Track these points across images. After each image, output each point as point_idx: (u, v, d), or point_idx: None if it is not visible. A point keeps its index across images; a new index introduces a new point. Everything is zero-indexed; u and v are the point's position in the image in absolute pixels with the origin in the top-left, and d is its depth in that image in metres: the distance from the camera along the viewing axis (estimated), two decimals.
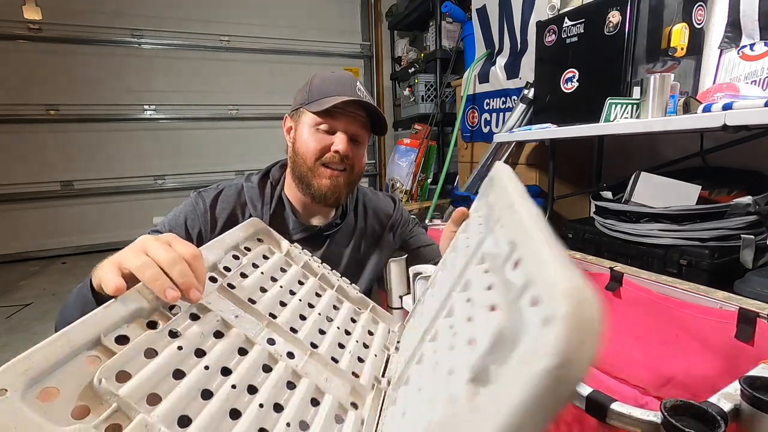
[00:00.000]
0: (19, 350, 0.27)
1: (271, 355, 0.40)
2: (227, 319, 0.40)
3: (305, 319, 0.48)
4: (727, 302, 0.73)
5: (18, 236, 2.87)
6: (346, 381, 0.44)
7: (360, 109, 0.76)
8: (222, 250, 0.47)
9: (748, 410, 0.41)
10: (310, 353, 0.44)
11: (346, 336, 0.51)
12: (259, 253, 0.52)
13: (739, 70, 1.25)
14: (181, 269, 0.37)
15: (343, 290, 0.59)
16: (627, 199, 1.24)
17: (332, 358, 0.45)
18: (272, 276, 0.51)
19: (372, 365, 0.48)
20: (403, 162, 2.90)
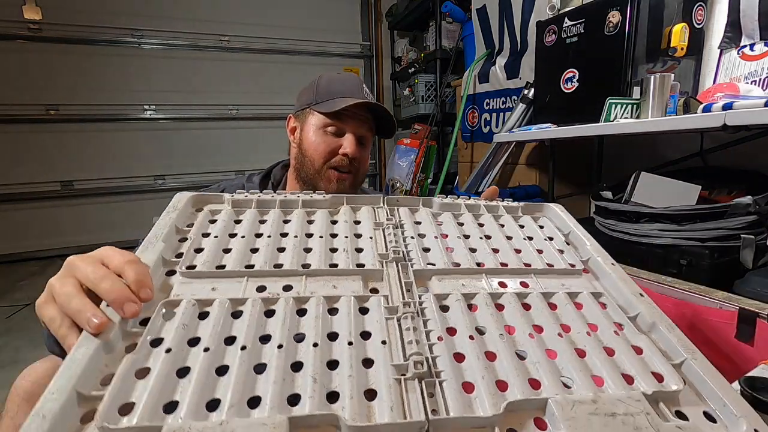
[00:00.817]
0: (19, 350, 0.26)
1: (268, 300, 0.37)
2: (203, 297, 0.37)
3: (284, 251, 0.44)
4: (727, 302, 0.73)
5: (18, 236, 2.87)
6: (354, 276, 0.42)
7: (367, 112, 0.76)
8: (162, 242, 0.41)
9: None
10: (306, 275, 0.41)
11: (332, 239, 0.47)
12: (204, 221, 0.47)
13: (739, 70, 1.25)
14: (109, 284, 0.33)
15: (309, 202, 0.53)
16: (627, 199, 1.24)
17: (330, 266, 0.42)
18: (229, 233, 0.46)
19: (372, 249, 0.46)
20: (403, 162, 2.90)
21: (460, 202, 0.57)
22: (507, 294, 0.41)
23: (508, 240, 0.50)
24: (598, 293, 0.43)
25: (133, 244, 0.69)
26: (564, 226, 0.55)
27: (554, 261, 0.47)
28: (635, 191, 1.22)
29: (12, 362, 1.52)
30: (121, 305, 0.33)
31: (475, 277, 0.43)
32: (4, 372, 1.46)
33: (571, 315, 0.39)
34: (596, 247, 0.50)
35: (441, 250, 0.46)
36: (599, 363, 0.34)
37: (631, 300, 0.42)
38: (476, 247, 0.48)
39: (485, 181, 2.08)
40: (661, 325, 0.39)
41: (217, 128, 3.31)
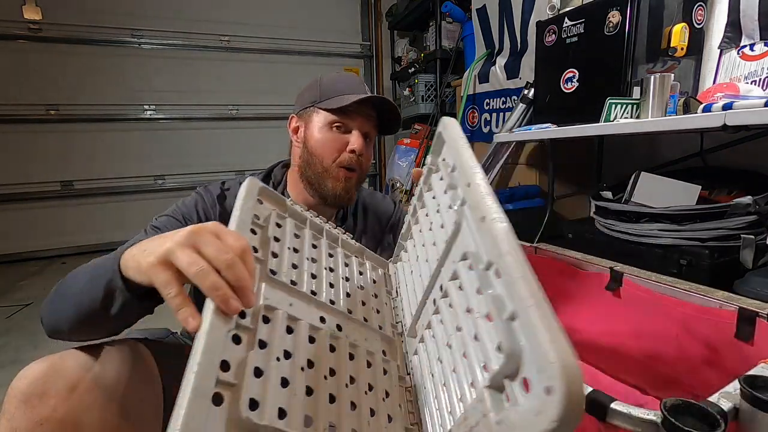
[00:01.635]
0: (19, 350, 0.26)
1: (332, 335, 0.42)
2: (290, 312, 0.41)
3: (333, 287, 0.50)
4: (727, 302, 0.73)
5: (18, 236, 2.86)
6: (378, 336, 0.50)
7: (371, 109, 0.77)
8: (247, 230, 0.44)
9: (748, 410, 0.41)
10: (350, 320, 0.48)
11: (361, 291, 0.55)
12: (272, 222, 0.50)
13: (739, 70, 1.25)
14: (237, 272, 0.34)
15: (345, 244, 0.59)
16: (627, 199, 1.24)
17: (364, 318, 0.50)
18: (294, 247, 0.50)
19: (386, 315, 0.54)
20: (403, 162, 2.90)
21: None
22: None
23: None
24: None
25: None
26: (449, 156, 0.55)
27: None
28: (635, 191, 1.23)
29: (12, 362, 1.52)
30: (245, 295, 0.34)
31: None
32: (4, 372, 1.46)
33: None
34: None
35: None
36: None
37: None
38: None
39: None
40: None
41: (217, 128, 3.31)
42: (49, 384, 0.49)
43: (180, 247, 0.35)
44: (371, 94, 0.73)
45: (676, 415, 0.38)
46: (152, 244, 0.39)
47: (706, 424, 0.38)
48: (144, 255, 0.38)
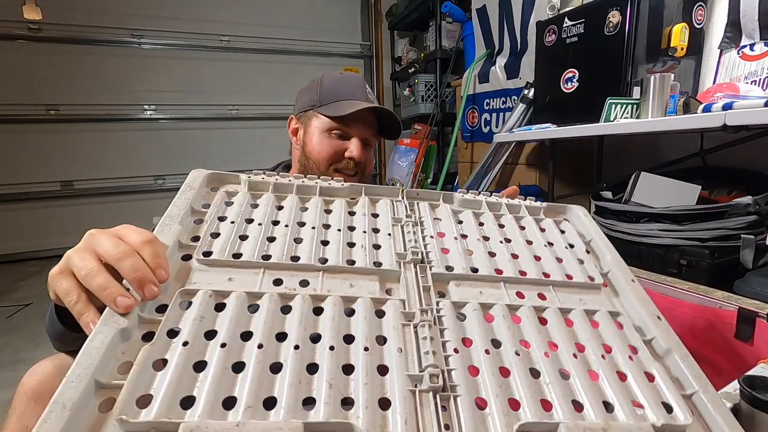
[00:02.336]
0: (19, 350, 0.26)
1: (285, 295, 0.37)
2: (220, 288, 0.36)
3: (301, 242, 0.43)
4: (726, 302, 0.73)
5: (18, 236, 2.87)
6: (371, 275, 0.41)
7: (372, 114, 0.76)
8: (178, 224, 0.41)
9: (747, 410, 0.41)
10: (324, 271, 0.40)
11: (350, 232, 0.46)
12: (220, 202, 0.45)
13: (739, 70, 1.25)
14: (132, 263, 0.32)
15: (327, 190, 0.52)
16: (627, 199, 1.24)
17: (347, 262, 0.42)
18: (246, 218, 0.44)
19: (390, 246, 0.45)
20: (403, 162, 2.90)
21: (481, 199, 0.55)
22: (524, 307, 0.40)
23: (528, 245, 0.49)
24: (615, 312, 0.42)
25: None
26: (586, 232, 0.53)
27: (574, 272, 0.46)
28: (635, 191, 1.22)
29: (12, 362, 1.52)
30: (143, 286, 0.32)
31: (493, 285, 0.43)
32: (4, 372, 1.46)
33: (587, 334, 0.39)
34: (617, 260, 0.49)
35: (460, 252, 0.45)
36: (611, 388, 0.35)
37: (647, 323, 0.41)
38: (496, 252, 0.47)
39: (485, 181, 2.08)
40: (676, 353, 0.38)
41: (217, 128, 3.31)
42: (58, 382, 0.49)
43: (76, 252, 0.34)
44: (370, 104, 0.72)
45: None
46: (61, 263, 0.37)
47: None
48: (58, 285, 0.36)
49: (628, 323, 0.41)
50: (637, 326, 0.41)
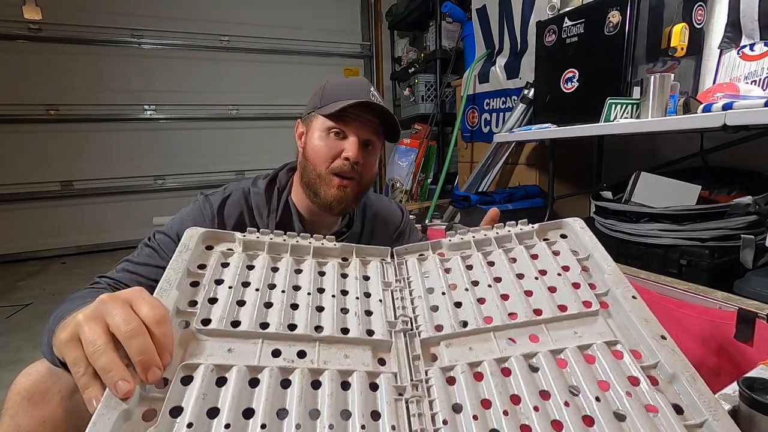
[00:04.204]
0: (19, 350, 0.26)
1: (284, 369, 0.37)
2: (221, 362, 0.37)
3: (297, 308, 0.44)
4: (726, 302, 0.73)
5: (18, 236, 2.87)
6: (364, 345, 0.42)
7: (373, 115, 0.74)
8: (176, 289, 0.41)
9: (747, 412, 0.41)
10: (320, 341, 0.41)
11: (343, 297, 0.48)
12: (216, 264, 0.46)
13: (739, 70, 1.25)
14: (139, 345, 0.33)
15: (320, 250, 0.53)
16: (627, 199, 1.24)
17: (341, 330, 0.43)
18: (243, 281, 0.45)
19: (381, 313, 0.46)
20: (403, 162, 2.90)
21: (469, 239, 0.55)
22: (513, 357, 0.40)
23: (519, 280, 0.48)
24: (613, 341, 0.40)
25: (133, 244, 0.69)
26: (582, 248, 0.51)
27: (568, 301, 0.44)
28: (635, 191, 1.22)
29: (12, 362, 1.52)
30: (147, 370, 0.32)
31: (483, 337, 0.42)
32: (4, 372, 1.46)
33: (581, 374, 0.38)
34: (616, 275, 0.46)
35: (449, 308, 0.46)
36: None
37: (650, 345, 0.39)
38: (485, 297, 0.47)
39: (485, 181, 2.08)
40: (683, 377, 0.36)
41: (217, 128, 3.31)
42: (52, 383, 0.49)
43: (87, 321, 0.34)
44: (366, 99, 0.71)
45: None
46: (70, 326, 0.37)
47: None
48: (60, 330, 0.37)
49: (627, 352, 0.39)
50: (639, 351, 0.39)
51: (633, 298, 0.43)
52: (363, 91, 0.73)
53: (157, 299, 0.37)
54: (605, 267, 0.47)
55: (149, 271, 0.66)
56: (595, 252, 0.49)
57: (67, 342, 0.34)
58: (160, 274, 0.66)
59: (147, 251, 0.68)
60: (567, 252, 0.51)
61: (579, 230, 0.53)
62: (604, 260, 0.48)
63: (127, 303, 0.35)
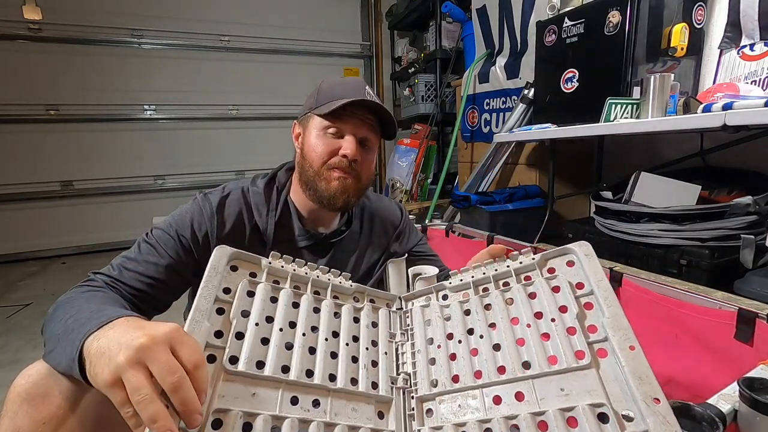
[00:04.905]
0: (18, 350, 0.26)
1: (302, 420, 0.41)
2: (248, 408, 0.39)
3: (314, 352, 0.48)
4: (726, 302, 0.73)
5: (18, 236, 2.87)
6: (368, 400, 0.47)
7: (369, 113, 0.74)
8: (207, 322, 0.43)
9: (747, 412, 0.41)
10: (332, 392, 0.45)
11: (354, 344, 0.52)
12: (243, 293, 0.48)
13: (739, 70, 1.25)
14: (183, 396, 0.35)
15: (338, 289, 0.57)
16: (627, 199, 1.24)
17: (351, 380, 0.47)
18: (267, 316, 0.48)
19: (385, 367, 0.51)
20: (403, 162, 2.90)
21: (469, 280, 0.56)
22: (495, 420, 0.41)
23: (513, 326, 0.49)
24: (598, 404, 0.38)
25: (132, 244, 0.69)
26: (586, 280, 0.49)
27: (559, 352, 0.43)
28: (635, 191, 1.23)
29: (12, 362, 1.52)
30: (190, 417, 0.35)
31: (471, 394, 0.45)
32: (4, 372, 1.46)
33: None
34: (615, 320, 0.43)
35: (444, 362, 0.50)
36: None
37: (641, 409, 0.36)
38: (477, 348, 0.49)
39: (485, 181, 2.08)
40: None
41: (217, 128, 3.31)
42: (52, 384, 0.49)
43: (130, 365, 0.35)
44: (361, 98, 0.71)
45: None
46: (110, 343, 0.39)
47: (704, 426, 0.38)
48: (99, 367, 0.38)
49: (612, 417, 0.37)
50: (626, 416, 0.37)
51: (630, 349, 0.40)
52: (358, 90, 0.73)
53: (195, 340, 0.39)
54: (605, 309, 0.44)
55: (148, 268, 0.66)
56: (598, 288, 0.46)
57: (111, 385, 0.36)
58: (159, 272, 0.67)
59: (145, 248, 0.68)
60: (567, 288, 0.48)
61: (583, 257, 0.50)
62: (605, 299, 0.45)
63: (168, 345, 0.37)
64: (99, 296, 0.58)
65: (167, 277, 0.67)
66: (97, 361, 0.39)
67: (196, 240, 0.71)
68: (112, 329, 0.41)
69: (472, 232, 1.39)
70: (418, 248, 0.96)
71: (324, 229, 0.82)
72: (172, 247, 0.69)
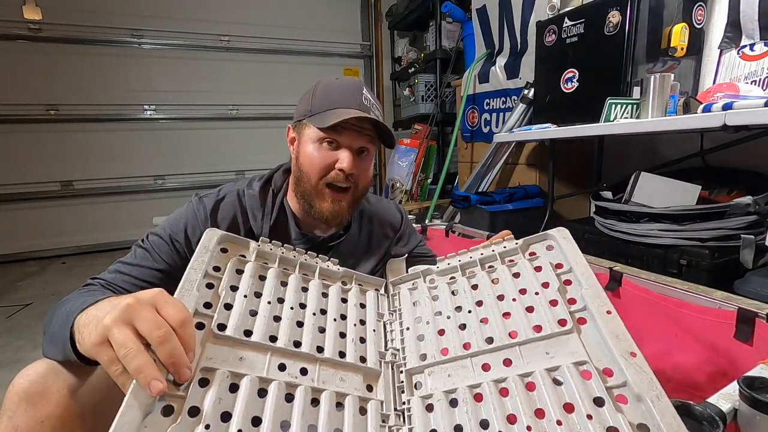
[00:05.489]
0: (18, 350, 0.26)
1: (289, 384, 0.41)
2: (235, 369, 0.40)
3: (302, 326, 0.48)
4: (726, 302, 0.73)
5: (18, 236, 2.87)
6: (357, 371, 0.47)
7: (366, 122, 0.72)
8: (194, 289, 0.45)
9: (747, 411, 0.41)
10: (320, 361, 0.46)
11: (342, 322, 0.52)
12: (232, 270, 0.50)
13: (739, 70, 1.25)
14: (169, 348, 0.35)
15: (326, 272, 0.58)
16: (627, 199, 1.24)
17: (339, 353, 0.47)
18: (255, 291, 0.49)
19: (373, 342, 0.52)
20: (403, 162, 2.90)
21: (456, 264, 0.58)
22: (485, 383, 0.43)
23: (499, 302, 0.51)
24: (581, 362, 0.41)
25: (132, 244, 0.69)
26: (565, 260, 0.52)
27: (543, 321, 0.46)
28: (635, 191, 1.23)
29: (12, 362, 1.52)
30: (178, 371, 0.36)
31: (460, 363, 0.46)
32: (4, 372, 1.46)
33: (546, 397, 0.39)
34: (593, 290, 0.46)
35: (432, 337, 0.51)
36: None
37: (619, 363, 0.39)
38: (466, 322, 0.50)
39: (485, 181, 2.08)
40: (648, 396, 0.36)
41: (217, 128, 3.31)
42: (50, 383, 0.49)
43: (115, 324, 0.36)
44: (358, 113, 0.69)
45: None
46: (98, 312, 0.40)
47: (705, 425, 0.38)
48: (87, 330, 0.39)
49: (595, 371, 0.39)
50: (607, 370, 0.40)
51: (607, 313, 0.43)
52: (355, 96, 0.71)
53: (180, 301, 0.39)
54: (583, 282, 0.48)
55: (142, 272, 0.66)
56: (576, 265, 0.50)
57: (98, 345, 0.36)
58: (153, 276, 0.67)
59: (140, 252, 0.68)
60: (548, 267, 0.52)
61: (562, 240, 0.54)
62: (582, 274, 0.49)
63: (153, 306, 0.37)
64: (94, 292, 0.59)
65: (161, 281, 0.67)
66: (84, 329, 0.40)
67: (189, 244, 0.70)
68: (100, 304, 0.43)
69: (472, 232, 1.39)
70: (418, 250, 0.96)
71: (321, 232, 0.81)
72: (166, 252, 0.68)
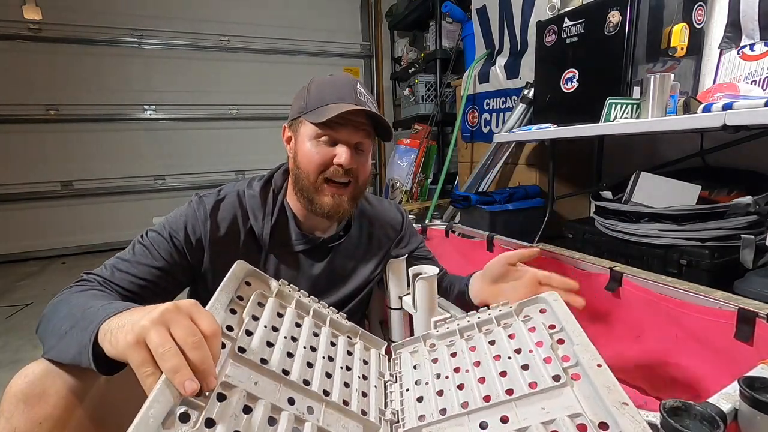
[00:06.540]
0: (18, 350, 0.26)
1: (298, 418, 0.43)
2: (251, 390, 0.41)
3: (312, 366, 0.51)
4: (726, 302, 0.73)
5: (18, 236, 2.87)
6: (359, 421, 0.49)
7: (362, 116, 0.72)
8: (222, 310, 0.47)
9: (748, 411, 0.41)
10: (326, 404, 0.47)
11: (347, 372, 0.55)
12: (255, 302, 0.53)
13: (739, 70, 1.25)
14: (201, 355, 0.37)
15: (335, 323, 0.61)
16: (627, 199, 1.24)
17: (343, 401, 0.49)
18: (273, 326, 0.52)
19: (375, 398, 0.54)
20: (403, 162, 2.90)
21: (455, 328, 0.61)
22: None
23: (496, 361, 0.53)
24: (576, 414, 0.42)
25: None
26: (556, 321, 0.55)
27: (539, 378, 0.48)
28: (635, 191, 1.23)
29: (12, 362, 1.52)
30: (206, 378, 0.37)
31: (458, 421, 0.48)
32: (3, 372, 1.46)
33: None
34: (583, 346, 0.49)
35: (431, 398, 0.52)
36: None
37: (612, 414, 0.40)
38: (464, 383, 0.52)
39: (485, 181, 2.08)
40: None
41: (217, 128, 3.31)
42: (48, 384, 0.49)
43: (154, 326, 0.37)
44: (353, 106, 0.68)
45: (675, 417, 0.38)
46: (131, 317, 0.41)
47: (705, 426, 0.38)
48: (122, 331, 0.40)
49: (590, 422, 0.41)
50: (601, 422, 0.41)
51: (598, 366, 0.45)
52: (349, 91, 0.71)
53: (212, 314, 0.41)
54: (574, 340, 0.50)
55: (142, 270, 0.66)
56: (567, 324, 0.52)
57: (134, 345, 0.37)
58: (152, 274, 0.67)
59: (139, 249, 0.68)
60: (542, 327, 0.54)
61: (554, 303, 0.57)
62: (573, 333, 0.51)
63: (188, 314, 0.39)
64: (100, 294, 0.59)
65: (159, 279, 0.67)
66: (118, 330, 0.41)
67: (189, 243, 0.70)
68: (132, 310, 0.44)
69: (472, 232, 1.39)
70: (419, 252, 0.96)
71: (321, 233, 0.81)
72: (165, 250, 0.68)
